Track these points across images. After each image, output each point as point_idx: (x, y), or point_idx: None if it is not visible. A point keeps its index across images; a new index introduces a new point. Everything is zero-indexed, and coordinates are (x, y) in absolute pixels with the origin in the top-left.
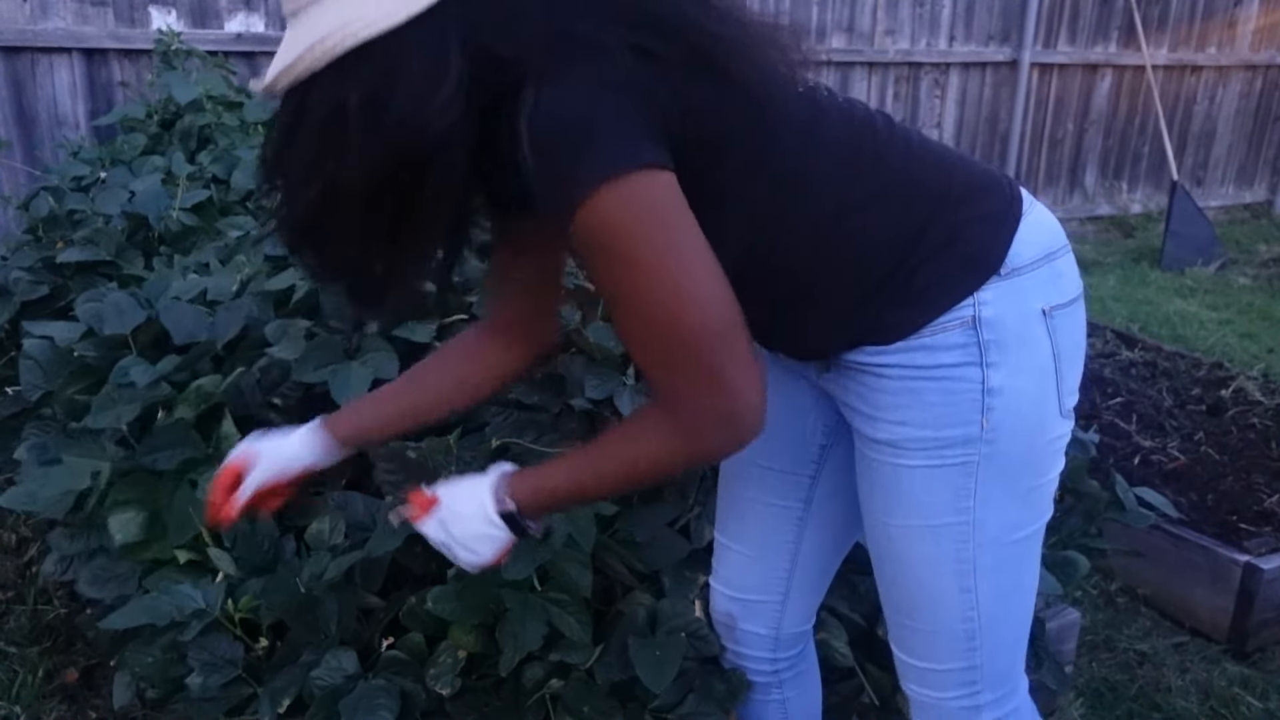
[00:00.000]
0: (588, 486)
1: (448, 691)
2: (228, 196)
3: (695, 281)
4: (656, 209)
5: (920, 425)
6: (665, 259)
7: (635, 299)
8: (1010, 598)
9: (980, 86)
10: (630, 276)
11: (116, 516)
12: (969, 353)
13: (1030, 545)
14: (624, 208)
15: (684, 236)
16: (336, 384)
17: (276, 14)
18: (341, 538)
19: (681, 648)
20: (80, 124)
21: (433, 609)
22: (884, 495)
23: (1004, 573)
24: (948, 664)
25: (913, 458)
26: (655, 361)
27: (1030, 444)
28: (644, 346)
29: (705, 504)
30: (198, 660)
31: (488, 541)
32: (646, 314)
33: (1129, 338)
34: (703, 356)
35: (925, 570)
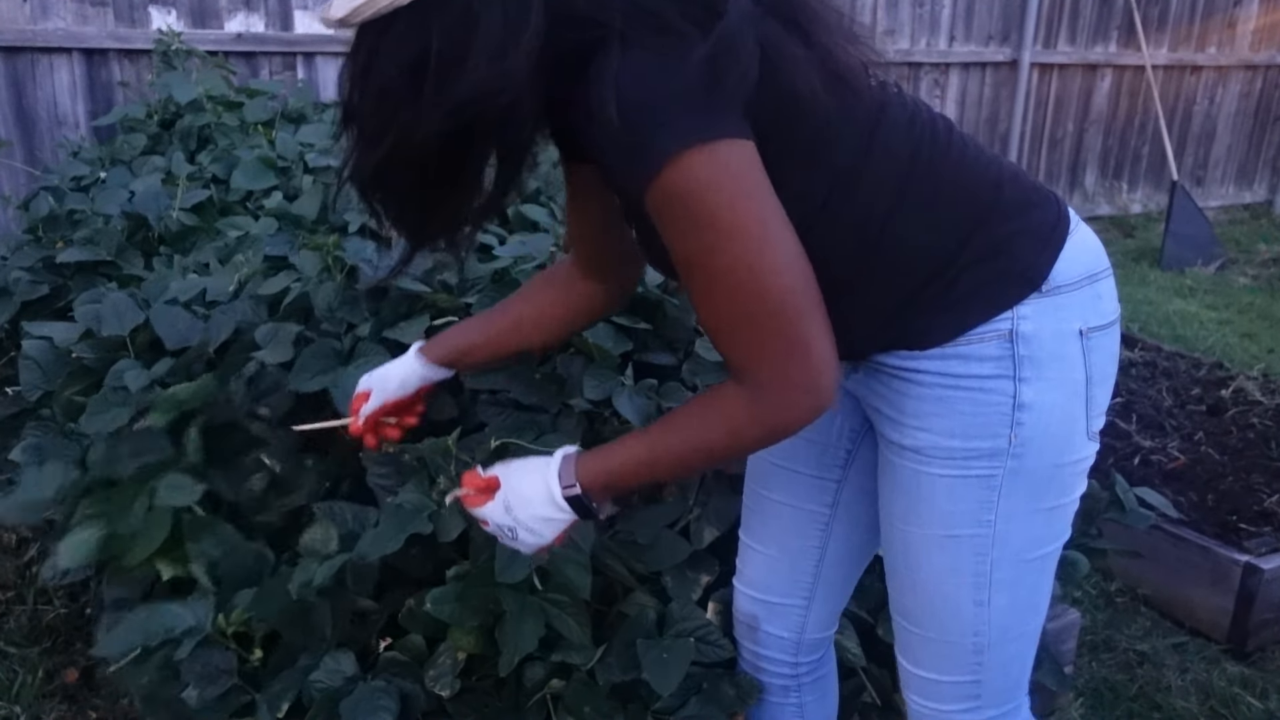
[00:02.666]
0: (659, 465)
1: (447, 693)
2: (227, 196)
3: (780, 249)
4: (743, 176)
5: (948, 434)
6: (751, 225)
7: (719, 265)
8: (1023, 614)
9: (980, 86)
10: (716, 241)
11: (69, 539)
12: (1003, 365)
13: (1047, 563)
14: (711, 173)
15: (768, 205)
16: (337, 393)
17: (277, 14)
18: (334, 546)
19: (689, 651)
20: (80, 124)
21: (432, 611)
22: (905, 501)
23: (1020, 588)
24: (953, 676)
25: (937, 466)
26: (736, 329)
27: (1056, 462)
28: (725, 314)
29: (706, 505)
30: (193, 675)
31: (551, 525)
32: (731, 280)
33: (1129, 338)
34: (786, 323)
35: (941, 580)
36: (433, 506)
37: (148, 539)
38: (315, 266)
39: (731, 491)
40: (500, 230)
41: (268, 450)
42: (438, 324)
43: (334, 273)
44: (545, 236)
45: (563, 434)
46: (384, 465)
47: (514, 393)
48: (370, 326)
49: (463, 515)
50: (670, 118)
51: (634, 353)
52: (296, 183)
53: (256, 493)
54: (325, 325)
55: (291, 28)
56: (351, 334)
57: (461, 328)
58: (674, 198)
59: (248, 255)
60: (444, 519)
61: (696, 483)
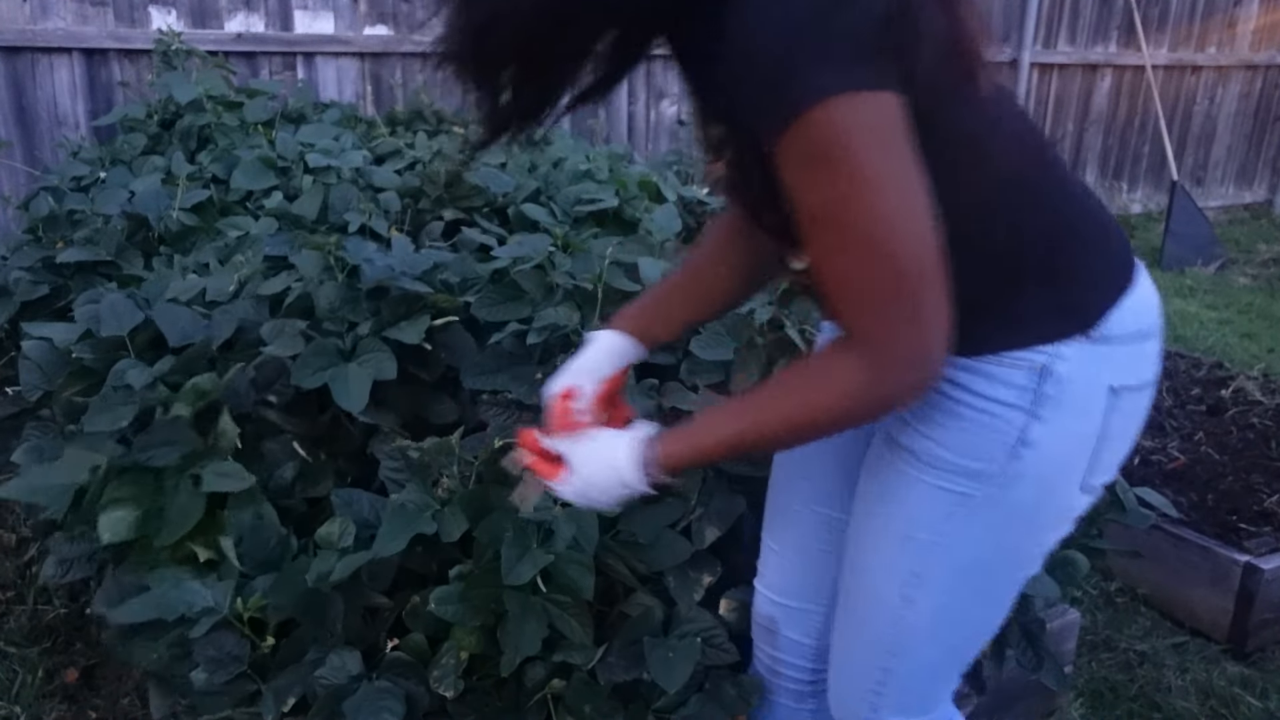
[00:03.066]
0: (749, 442)
1: (451, 693)
2: (228, 196)
3: (917, 211)
4: (892, 132)
5: (944, 445)
6: (892, 181)
7: (852, 219)
8: (949, 625)
9: None
10: (852, 193)
11: (106, 515)
12: (1023, 397)
13: (992, 589)
14: (863, 122)
15: (910, 165)
16: (337, 388)
17: (277, 14)
18: (351, 540)
19: (695, 652)
20: (80, 124)
21: (435, 610)
22: (878, 490)
23: (952, 599)
24: (859, 665)
25: (924, 471)
26: (860, 290)
27: (1038, 505)
28: (851, 274)
29: (708, 505)
30: (204, 656)
31: (619, 499)
32: (863, 237)
33: None
34: (911, 289)
35: (879, 567)
36: (436, 506)
37: (183, 520)
38: (316, 266)
39: (732, 492)
40: (500, 230)
41: (298, 439)
42: (438, 324)
43: (335, 272)
44: (544, 237)
45: None
46: (394, 460)
47: (515, 393)
48: (371, 325)
49: (466, 513)
50: (826, 55)
51: None
52: (296, 183)
53: (286, 480)
54: (327, 324)
55: (291, 28)
56: (353, 333)
57: (656, 298)
58: (816, 143)
59: (248, 255)
60: (446, 519)
61: (699, 483)
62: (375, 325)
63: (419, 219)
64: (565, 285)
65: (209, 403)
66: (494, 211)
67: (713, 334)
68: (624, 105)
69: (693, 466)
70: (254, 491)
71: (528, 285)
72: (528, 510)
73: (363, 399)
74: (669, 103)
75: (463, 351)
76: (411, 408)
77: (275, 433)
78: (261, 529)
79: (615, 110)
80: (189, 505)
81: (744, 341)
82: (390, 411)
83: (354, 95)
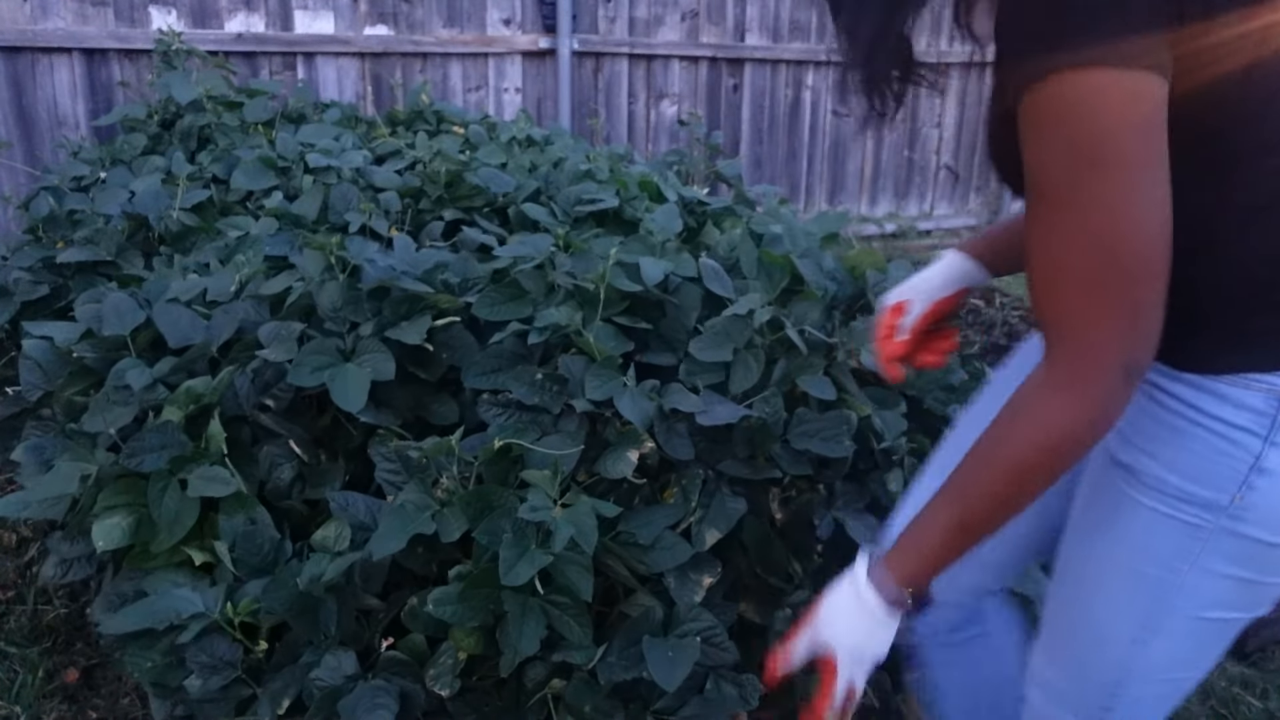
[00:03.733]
0: (971, 516)
1: (447, 692)
2: (228, 196)
3: (1152, 206)
4: (1142, 118)
5: (1169, 467)
6: (1131, 168)
7: (1078, 200)
8: (1178, 665)
9: (980, 86)
10: (1083, 174)
11: (100, 523)
12: (1261, 422)
13: (1225, 628)
14: (1112, 101)
15: (1155, 156)
16: (336, 389)
17: (277, 14)
18: (347, 544)
19: (695, 651)
20: (80, 124)
21: (433, 611)
22: (1099, 516)
23: (1185, 641)
24: (1075, 703)
25: (1147, 495)
26: (1070, 283)
27: (1274, 541)
28: (1064, 262)
29: (708, 507)
30: (197, 663)
31: (880, 638)
32: (1085, 222)
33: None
34: (1131, 288)
35: (1107, 608)
36: (435, 506)
37: (178, 525)
38: (317, 266)
39: (733, 494)
40: (500, 230)
41: (296, 440)
42: (439, 324)
43: (336, 272)
44: (546, 236)
45: (564, 435)
46: (392, 461)
47: (516, 393)
48: (372, 326)
49: (465, 514)
50: (1094, 20)
51: (635, 353)
52: (296, 183)
53: (284, 483)
54: (328, 324)
55: (291, 28)
56: (354, 333)
57: (1006, 225)
58: (1057, 113)
59: (248, 255)
60: (446, 519)
61: (699, 484)
62: (376, 325)
63: (419, 219)
64: (566, 285)
65: (202, 406)
66: (494, 211)
67: (712, 335)
68: (624, 105)
69: (932, 572)
70: (245, 495)
71: (529, 285)
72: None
73: (361, 399)
74: (669, 103)
75: (464, 351)
76: (412, 408)
77: (274, 435)
78: (255, 533)
79: (615, 110)
80: (182, 510)
81: (743, 343)
82: (391, 412)
83: (354, 95)
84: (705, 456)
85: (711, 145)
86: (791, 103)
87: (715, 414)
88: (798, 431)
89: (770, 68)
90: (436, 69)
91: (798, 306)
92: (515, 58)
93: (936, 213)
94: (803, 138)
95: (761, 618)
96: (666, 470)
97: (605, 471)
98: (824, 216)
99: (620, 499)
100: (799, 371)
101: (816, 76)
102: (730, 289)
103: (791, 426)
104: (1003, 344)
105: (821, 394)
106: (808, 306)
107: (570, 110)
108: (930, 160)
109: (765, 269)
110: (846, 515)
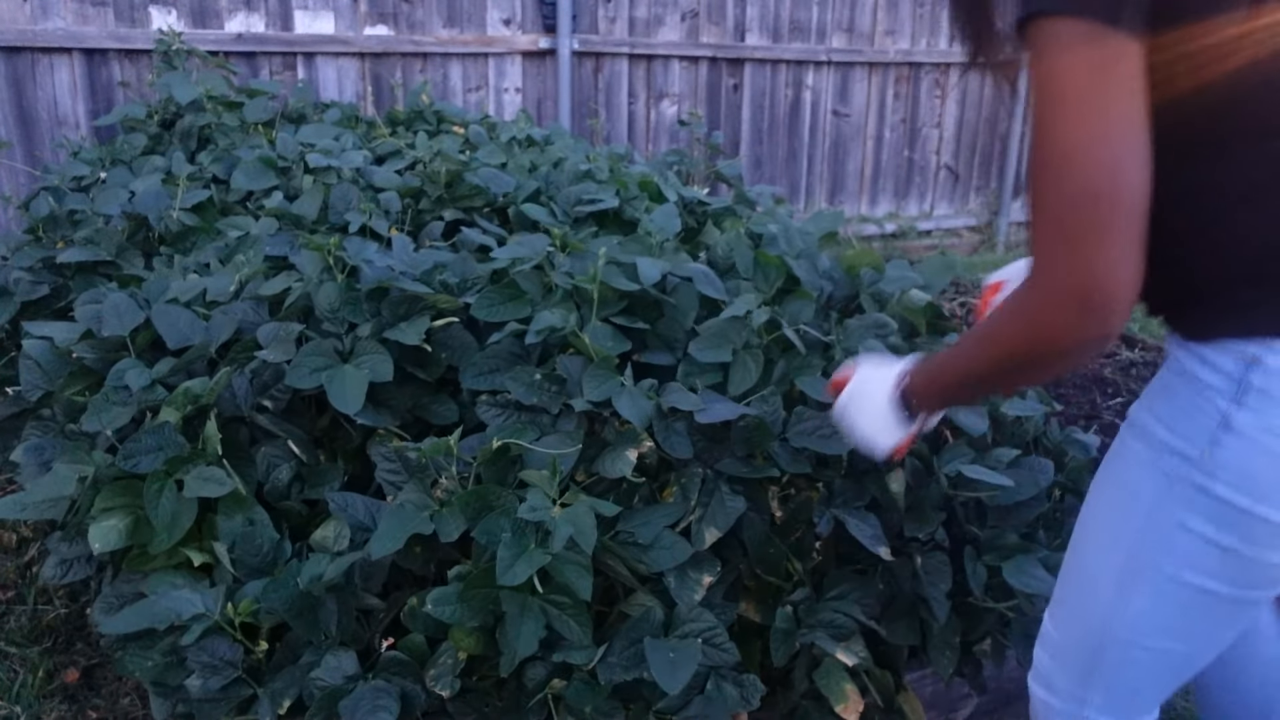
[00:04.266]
0: (963, 370)
1: (448, 693)
2: (228, 196)
3: (1108, 146)
4: (1110, 67)
5: (1158, 418)
6: (1087, 112)
7: (1038, 137)
8: (1160, 632)
9: (980, 86)
10: (1043, 111)
11: (97, 525)
12: (1229, 382)
13: (1211, 603)
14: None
15: (1120, 107)
16: (333, 390)
17: (277, 14)
18: (346, 544)
19: (696, 653)
20: (80, 124)
21: (432, 611)
22: (1106, 463)
23: (1164, 604)
24: (1071, 653)
25: (1138, 442)
26: (1034, 211)
27: (1250, 510)
28: (1031, 191)
29: (708, 506)
30: (197, 663)
31: (885, 430)
32: (1041, 154)
33: (1129, 338)
34: (1077, 222)
35: (1094, 552)
36: (434, 506)
37: (176, 526)
38: (316, 267)
39: (732, 492)
40: (500, 230)
41: (294, 441)
42: (438, 324)
43: (335, 273)
44: (543, 237)
45: (563, 435)
46: (392, 461)
47: (514, 393)
48: (371, 327)
49: (464, 514)
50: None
51: (633, 353)
52: (296, 183)
53: (283, 483)
54: (327, 325)
55: (291, 28)
56: (353, 334)
57: None
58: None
59: (248, 255)
60: (445, 519)
61: (698, 483)
62: (375, 326)
63: (419, 219)
64: (564, 285)
65: (200, 407)
66: (494, 211)
67: (710, 335)
68: (624, 105)
69: (937, 399)
70: (243, 496)
71: (527, 285)
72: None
73: (359, 400)
74: (669, 103)
75: (463, 352)
76: (411, 409)
77: (272, 436)
78: (254, 533)
79: (615, 110)
80: (180, 511)
81: (741, 343)
82: (389, 412)
83: (354, 95)
84: (704, 455)
85: (711, 145)
86: (791, 103)
87: (714, 412)
88: (796, 430)
89: (770, 68)
90: (436, 69)
91: (792, 306)
92: (515, 58)
93: (936, 213)
94: (803, 138)
95: (761, 616)
96: (665, 469)
97: (604, 471)
98: (821, 215)
99: (619, 498)
100: (798, 372)
101: (816, 76)
102: (721, 290)
103: (790, 425)
104: None
105: (820, 395)
106: (801, 306)
107: (570, 110)
108: (930, 160)
109: (761, 269)
110: (846, 513)
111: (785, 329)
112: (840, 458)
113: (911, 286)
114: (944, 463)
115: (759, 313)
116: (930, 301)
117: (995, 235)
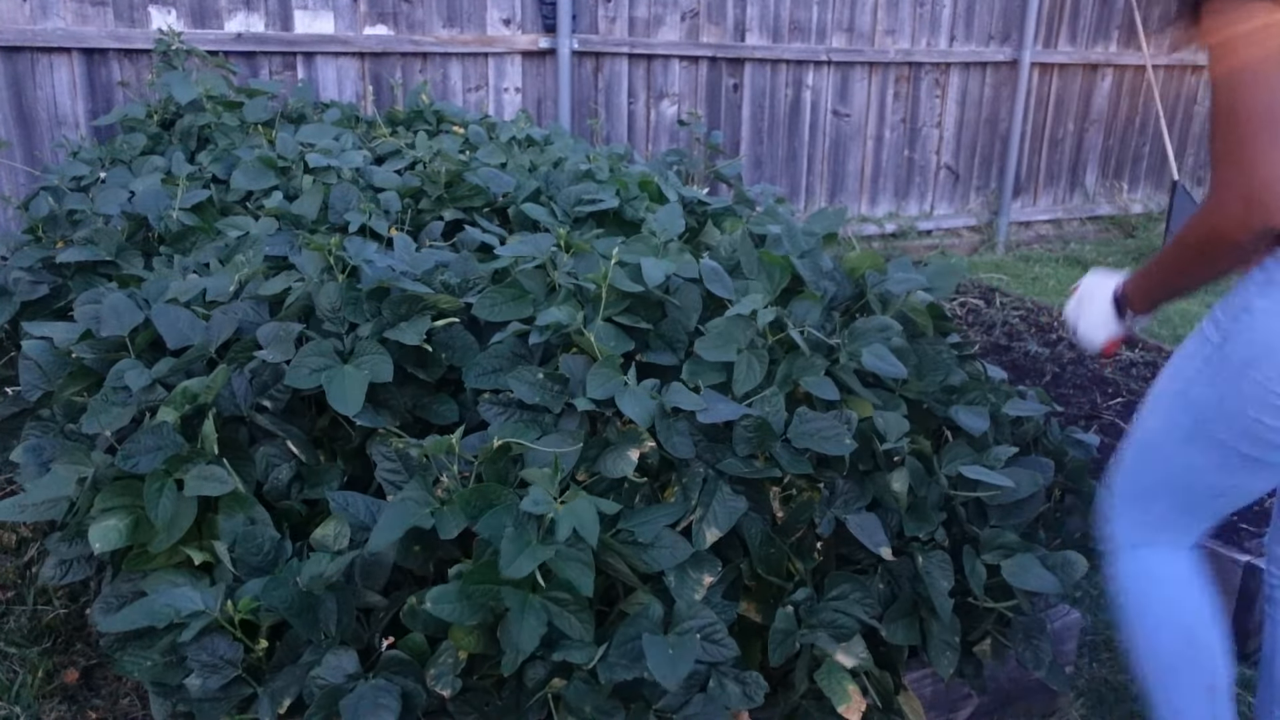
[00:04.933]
0: (1163, 268)
1: (448, 692)
2: (227, 196)
3: (1255, 86)
4: (1253, 33)
5: (1212, 317)
6: (1239, 57)
7: (1218, 83)
8: (1144, 447)
9: (980, 86)
10: (1219, 69)
11: (97, 525)
12: (1257, 276)
13: (1200, 438)
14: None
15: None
16: (333, 390)
17: (277, 14)
18: (346, 543)
19: (695, 647)
20: (80, 124)
21: (432, 610)
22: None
23: (1165, 422)
24: (1118, 477)
25: (1206, 320)
26: (1215, 137)
27: (1245, 370)
28: (1211, 123)
29: (708, 506)
30: (197, 662)
31: (1102, 326)
32: (1214, 93)
33: (1129, 338)
34: (1237, 136)
35: (1153, 401)
36: (435, 503)
37: (176, 526)
38: (317, 267)
39: (733, 492)
40: (500, 230)
41: (294, 441)
42: (439, 324)
43: (335, 273)
44: (547, 236)
45: (565, 434)
46: (392, 460)
47: (517, 393)
48: (371, 327)
49: (465, 511)
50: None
51: (636, 353)
52: (296, 183)
53: (282, 483)
54: (327, 325)
55: (291, 28)
56: (353, 334)
57: None
58: (1205, 27)
59: (248, 255)
60: (445, 516)
61: (699, 482)
62: (375, 326)
63: (419, 219)
64: (567, 285)
65: (198, 407)
66: (494, 211)
67: (715, 335)
68: (624, 105)
69: (1145, 298)
70: (243, 495)
71: (529, 285)
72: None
73: (358, 402)
74: (669, 103)
75: (464, 352)
76: (412, 408)
77: (271, 436)
78: (254, 532)
79: (615, 110)
80: (179, 510)
81: (746, 343)
82: (390, 412)
83: (354, 95)
84: (706, 455)
85: (711, 145)
86: (791, 103)
87: (716, 412)
88: (798, 430)
89: (770, 68)
90: (436, 69)
91: (797, 306)
92: (515, 58)
93: (937, 213)
94: (803, 138)
95: (762, 616)
96: (667, 469)
97: (606, 470)
98: (822, 214)
99: (621, 498)
100: (802, 372)
101: (816, 76)
102: (731, 290)
103: (792, 425)
104: (1003, 344)
105: (825, 395)
106: (807, 307)
107: (570, 110)
108: (930, 160)
109: (765, 269)
110: (847, 514)
111: (790, 330)
112: (842, 459)
113: (917, 288)
114: (944, 462)
115: (765, 313)
116: (933, 303)
117: (995, 235)
